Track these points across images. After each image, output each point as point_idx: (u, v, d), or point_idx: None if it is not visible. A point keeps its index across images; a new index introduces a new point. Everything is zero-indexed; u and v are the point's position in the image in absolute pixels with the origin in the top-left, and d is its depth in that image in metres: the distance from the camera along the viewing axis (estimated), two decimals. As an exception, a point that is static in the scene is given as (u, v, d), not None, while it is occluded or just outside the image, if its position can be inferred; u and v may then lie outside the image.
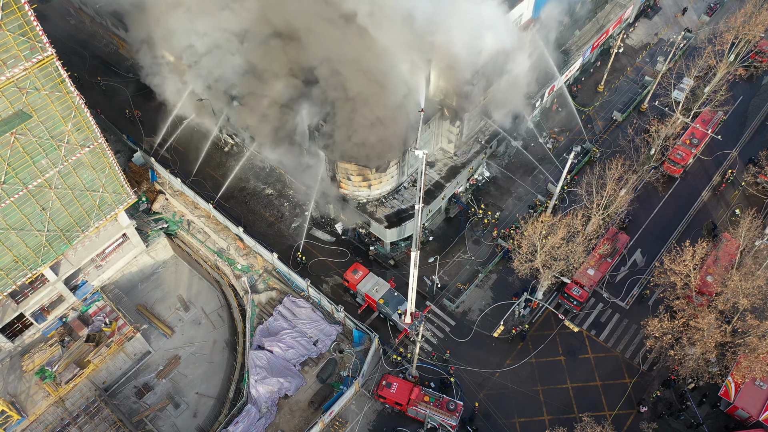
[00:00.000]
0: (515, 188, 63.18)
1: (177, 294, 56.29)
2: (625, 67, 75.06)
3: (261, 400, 47.09)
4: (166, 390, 50.84)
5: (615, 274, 56.76)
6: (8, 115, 37.34)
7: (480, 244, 59.07)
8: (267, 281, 54.73)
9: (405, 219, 55.11)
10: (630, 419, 48.83)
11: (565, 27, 68.84)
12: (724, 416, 48.65)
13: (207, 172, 63.23)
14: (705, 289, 50.62)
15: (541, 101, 66.00)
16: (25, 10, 34.51)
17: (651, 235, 59.77)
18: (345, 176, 53.86)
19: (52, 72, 38.04)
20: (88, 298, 51.98)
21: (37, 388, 48.04)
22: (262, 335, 50.78)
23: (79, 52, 73.74)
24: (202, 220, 58.18)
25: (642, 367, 51.40)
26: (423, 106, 47.60)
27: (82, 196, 44.67)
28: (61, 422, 47.46)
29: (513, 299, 55.12)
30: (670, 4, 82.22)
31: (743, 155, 65.56)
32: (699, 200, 62.00)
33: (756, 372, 45.45)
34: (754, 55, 71.46)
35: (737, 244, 51.73)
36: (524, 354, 52.27)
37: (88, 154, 43.25)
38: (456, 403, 46.86)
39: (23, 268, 43.63)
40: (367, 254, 58.16)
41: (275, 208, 61.83)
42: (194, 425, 49.18)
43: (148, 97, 67.17)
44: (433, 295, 55.50)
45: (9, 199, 39.81)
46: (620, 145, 65.98)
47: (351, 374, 49.53)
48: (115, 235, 51.46)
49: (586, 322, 54.26)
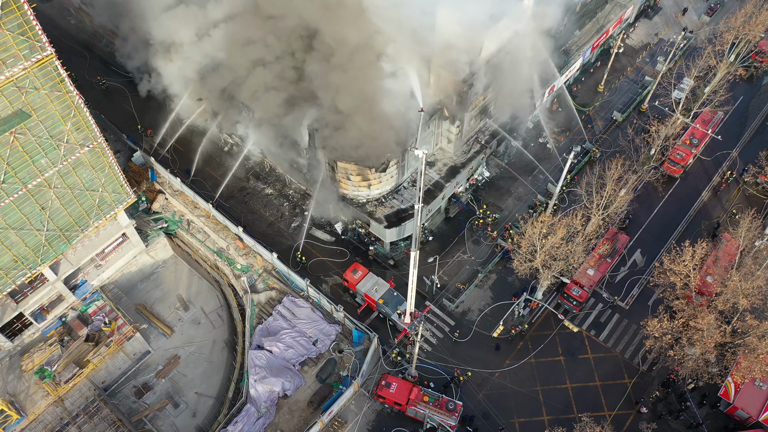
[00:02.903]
0: (515, 188, 63.17)
1: (176, 294, 56.25)
2: (625, 67, 75.01)
3: (260, 399, 47.08)
4: (165, 390, 50.81)
5: (615, 275, 56.75)
6: (7, 115, 37.34)
7: (480, 244, 59.04)
8: (266, 281, 54.70)
9: (405, 219, 55.07)
10: (629, 419, 48.82)
11: (565, 27, 68.77)
12: (724, 416, 48.63)
13: (207, 172, 63.21)
14: (705, 290, 50.59)
15: (541, 101, 65.92)
16: (24, 10, 34.52)
17: (651, 236, 59.73)
18: (345, 176, 53.82)
19: (51, 71, 38.05)
20: (88, 298, 51.95)
21: (37, 388, 48.03)
22: (261, 335, 50.78)
23: (79, 52, 73.75)
24: (201, 219, 58.16)
25: (642, 367, 51.37)
26: (422, 106, 47.51)
27: (81, 196, 44.64)
28: (61, 422, 47.43)
29: (513, 299, 55.12)
30: (670, 4, 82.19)
31: (743, 155, 65.52)
32: (699, 200, 61.97)
33: (756, 372, 45.43)
34: (754, 55, 71.41)
35: (737, 245, 51.70)
36: (524, 354, 52.24)
37: (88, 153, 43.22)
38: (455, 403, 46.81)
39: (23, 268, 43.62)
40: (367, 254, 58.12)
41: (275, 207, 61.80)
42: (193, 425, 49.17)
43: (148, 96, 67.10)
44: (433, 295, 55.49)
45: (8, 198, 39.80)
46: (620, 145, 65.96)
47: (350, 374, 49.51)
48: (115, 234, 51.44)
49: (585, 323, 54.24)
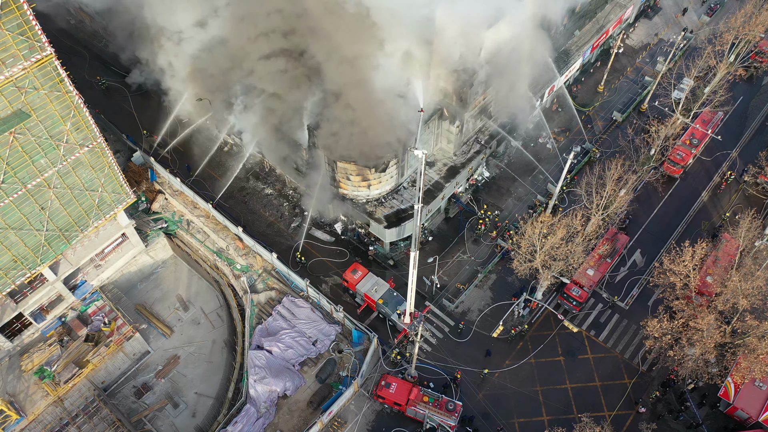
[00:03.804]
0: (515, 188, 63.14)
1: (176, 294, 56.22)
2: (625, 67, 74.99)
3: (260, 400, 47.06)
4: (165, 390, 50.78)
5: (615, 275, 56.73)
6: (7, 115, 37.31)
7: (479, 244, 59.02)
8: (266, 281, 54.68)
9: (404, 219, 55.04)
10: (629, 420, 48.80)
11: (565, 27, 68.78)
12: (724, 417, 48.61)
13: (206, 171, 63.16)
14: (704, 290, 50.57)
15: (540, 101, 65.92)
16: (23, 9, 34.47)
17: (651, 236, 59.71)
18: (344, 176, 53.78)
19: (51, 71, 37.99)
20: (87, 298, 51.93)
21: (36, 388, 48.00)
22: (261, 335, 50.76)
23: (79, 51, 73.72)
24: (201, 219, 58.14)
25: (641, 367, 51.35)
26: (422, 106, 47.49)
27: (81, 196, 44.61)
28: (60, 422, 47.36)
29: (512, 299, 55.10)
30: (670, 4, 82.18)
31: (743, 156, 65.50)
32: (699, 201, 61.95)
33: (755, 372, 45.42)
34: (754, 55, 71.40)
35: (737, 245, 51.68)
36: (524, 354, 52.23)
37: (87, 153, 43.19)
38: (455, 404, 46.79)
39: (22, 268, 43.58)
40: (367, 254, 58.09)
41: (274, 207, 61.78)
42: (193, 425, 49.13)
43: (148, 96, 67.10)
44: (433, 295, 55.47)
45: (8, 198, 39.75)
46: (620, 146, 65.93)
47: (350, 374, 49.48)
48: (115, 234, 51.40)
49: (585, 323, 54.22)
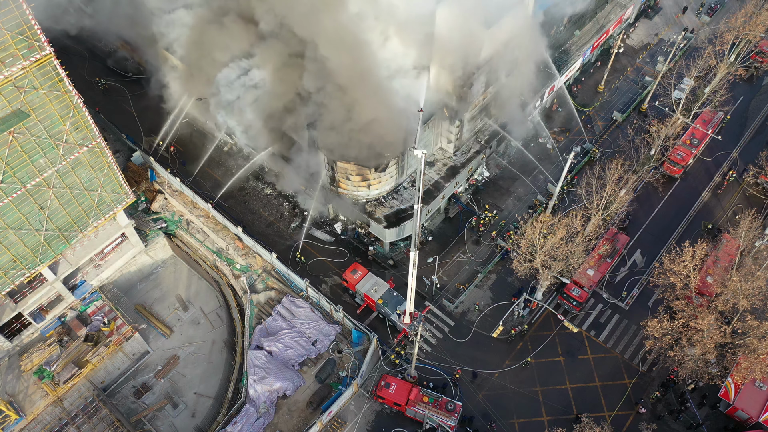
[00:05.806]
0: (515, 188, 63.08)
1: (176, 294, 56.17)
2: (625, 67, 74.94)
3: (259, 400, 47.01)
4: (164, 390, 50.73)
5: (615, 275, 56.67)
6: (6, 114, 37.27)
7: (479, 245, 58.96)
8: (266, 281, 54.62)
9: (404, 219, 54.97)
10: (629, 420, 48.73)
11: (565, 27, 68.74)
12: (724, 417, 48.55)
13: (206, 171, 63.13)
14: (705, 290, 50.50)
15: (541, 101, 65.87)
16: (23, 9, 34.43)
17: (651, 236, 59.64)
18: (344, 176, 53.74)
19: (50, 71, 37.94)
20: (87, 298, 51.87)
21: (36, 388, 47.94)
22: (260, 335, 50.70)
23: (79, 51, 73.63)
24: (201, 219, 58.09)
25: (641, 367, 51.29)
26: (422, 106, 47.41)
27: (80, 196, 44.54)
28: (60, 422, 47.31)
29: (512, 300, 55.04)
30: (670, 4, 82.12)
31: (743, 156, 65.44)
32: (699, 201, 61.89)
33: (756, 373, 45.37)
34: (754, 55, 71.37)
35: (737, 245, 51.62)
36: (524, 354, 52.16)
37: (87, 153, 43.13)
38: (455, 404, 46.73)
39: (21, 268, 43.51)
40: (366, 254, 58.03)
41: (274, 207, 61.73)
42: (192, 425, 49.08)
43: (147, 96, 67.03)
44: (432, 296, 55.41)
45: (7, 198, 39.69)
46: (620, 146, 65.86)
47: (350, 374, 49.42)
48: (114, 234, 51.35)
49: (585, 323, 54.16)
